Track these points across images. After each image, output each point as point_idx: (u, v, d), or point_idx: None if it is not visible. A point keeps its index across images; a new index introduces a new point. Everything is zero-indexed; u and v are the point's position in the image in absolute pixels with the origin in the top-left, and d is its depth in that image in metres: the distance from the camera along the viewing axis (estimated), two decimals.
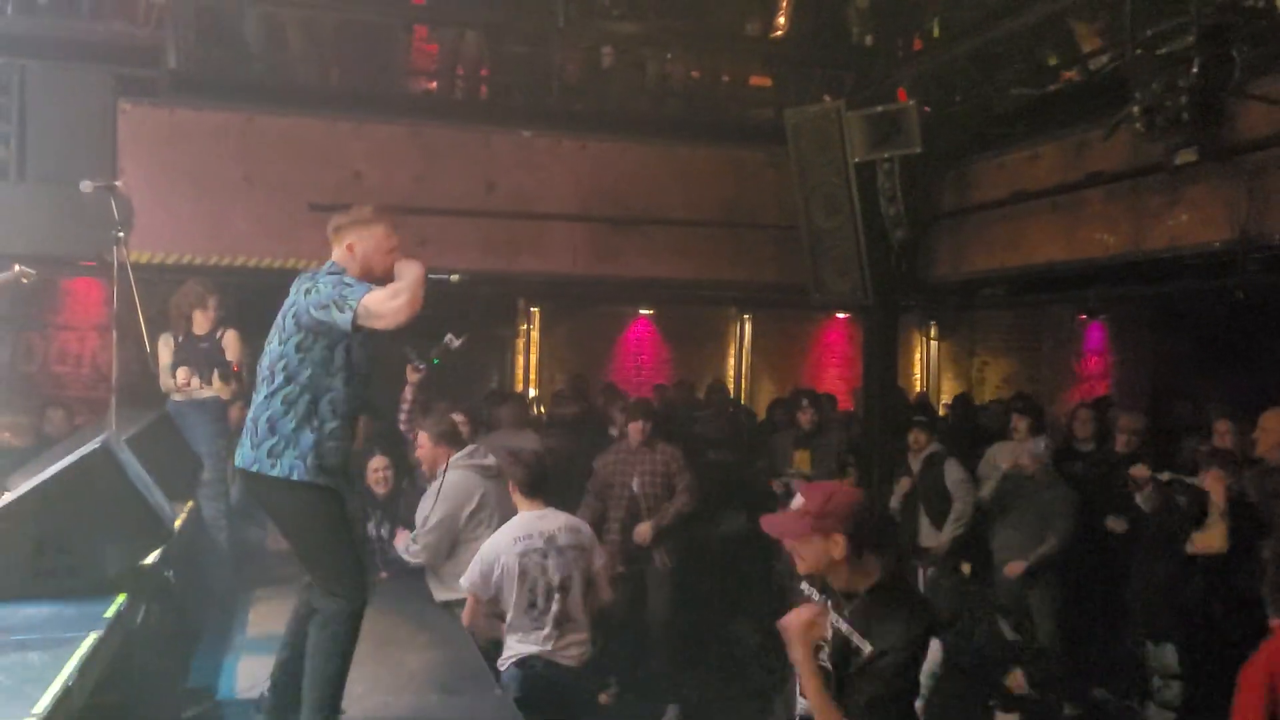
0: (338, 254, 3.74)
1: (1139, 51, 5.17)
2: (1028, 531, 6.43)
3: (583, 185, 7.86)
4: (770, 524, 3.04)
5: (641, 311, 11.37)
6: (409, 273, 3.50)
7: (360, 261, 3.68)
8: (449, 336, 4.63)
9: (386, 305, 3.41)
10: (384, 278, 3.61)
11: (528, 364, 11.12)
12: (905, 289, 7.73)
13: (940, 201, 7.58)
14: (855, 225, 7.38)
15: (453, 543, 5.15)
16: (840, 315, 11.45)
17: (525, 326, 11.00)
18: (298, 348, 3.59)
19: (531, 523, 4.57)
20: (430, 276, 3.55)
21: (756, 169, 8.17)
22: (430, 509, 5.01)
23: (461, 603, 4.83)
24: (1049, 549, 6.32)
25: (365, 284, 3.51)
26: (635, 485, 6.59)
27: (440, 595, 5.23)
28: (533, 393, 10.76)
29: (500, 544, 4.51)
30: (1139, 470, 5.76)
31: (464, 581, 4.59)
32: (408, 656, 4.70)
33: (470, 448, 5.43)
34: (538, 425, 8.19)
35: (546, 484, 4.72)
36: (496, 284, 8.26)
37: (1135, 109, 5.22)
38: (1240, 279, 5.50)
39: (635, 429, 6.66)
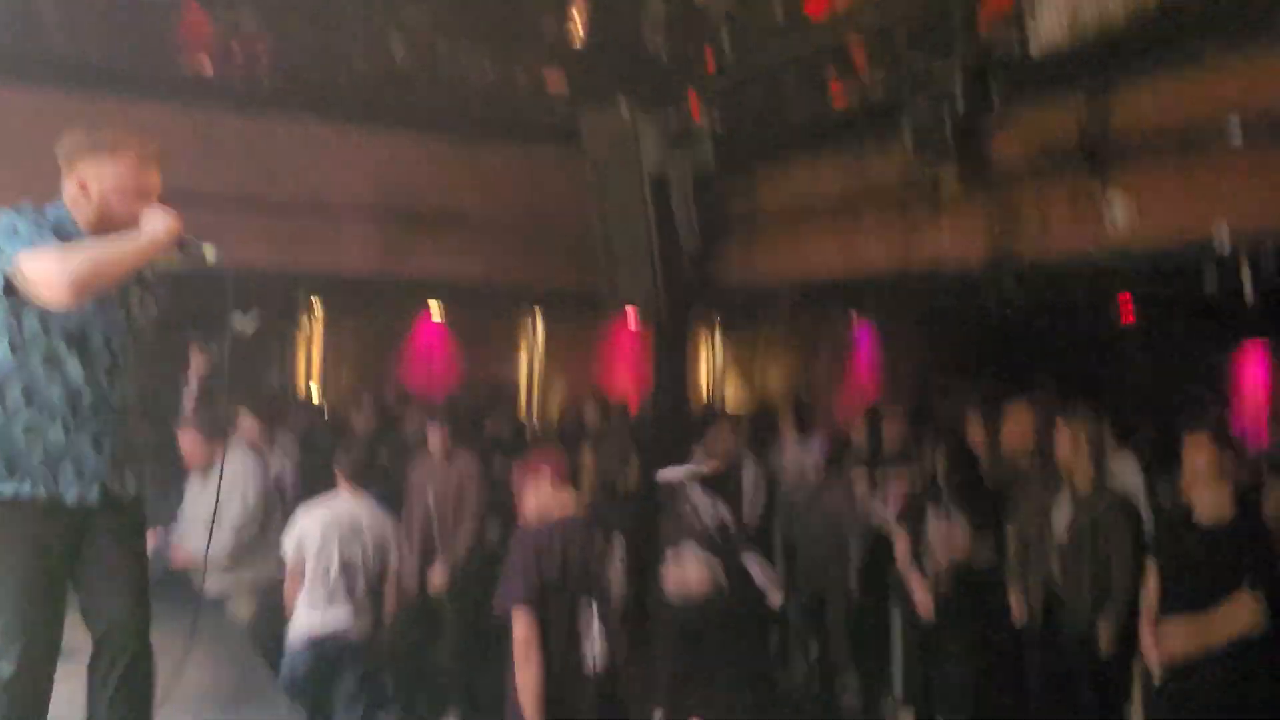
0: (68, 191, 2.78)
1: (908, 77, 5.56)
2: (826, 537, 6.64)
3: (374, 179, 7.66)
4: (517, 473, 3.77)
5: (431, 311, 11.14)
6: (147, 226, 2.67)
7: (96, 204, 2.76)
8: (239, 314, 4.38)
9: (50, 271, 2.52)
10: (126, 229, 2.71)
11: (309, 361, 10.71)
12: (696, 294, 7.96)
13: (730, 210, 7.86)
14: (649, 230, 7.54)
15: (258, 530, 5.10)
16: (633, 318, 11.63)
17: (309, 322, 10.59)
18: None
19: (344, 506, 4.82)
20: (185, 250, 2.76)
21: (552, 171, 8.21)
22: (228, 505, 4.90)
23: (239, 592, 4.97)
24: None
25: (46, 233, 2.65)
26: (430, 500, 6.21)
27: (222, 586, 5.05)
28: (314, 387, 10.38)
29: (311, 518, 4.77)
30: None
31: (282, 552, 4.78)
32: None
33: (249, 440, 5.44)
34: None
35: (370, 472, 5.01)
36: (278, 278, 7.90)
37: (905, 132, 5.61)
38: (993, 294, 6.00)
39: (436, 437, 6.28)
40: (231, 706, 4.11)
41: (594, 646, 3.42)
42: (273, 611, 5.04)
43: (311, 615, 4.73)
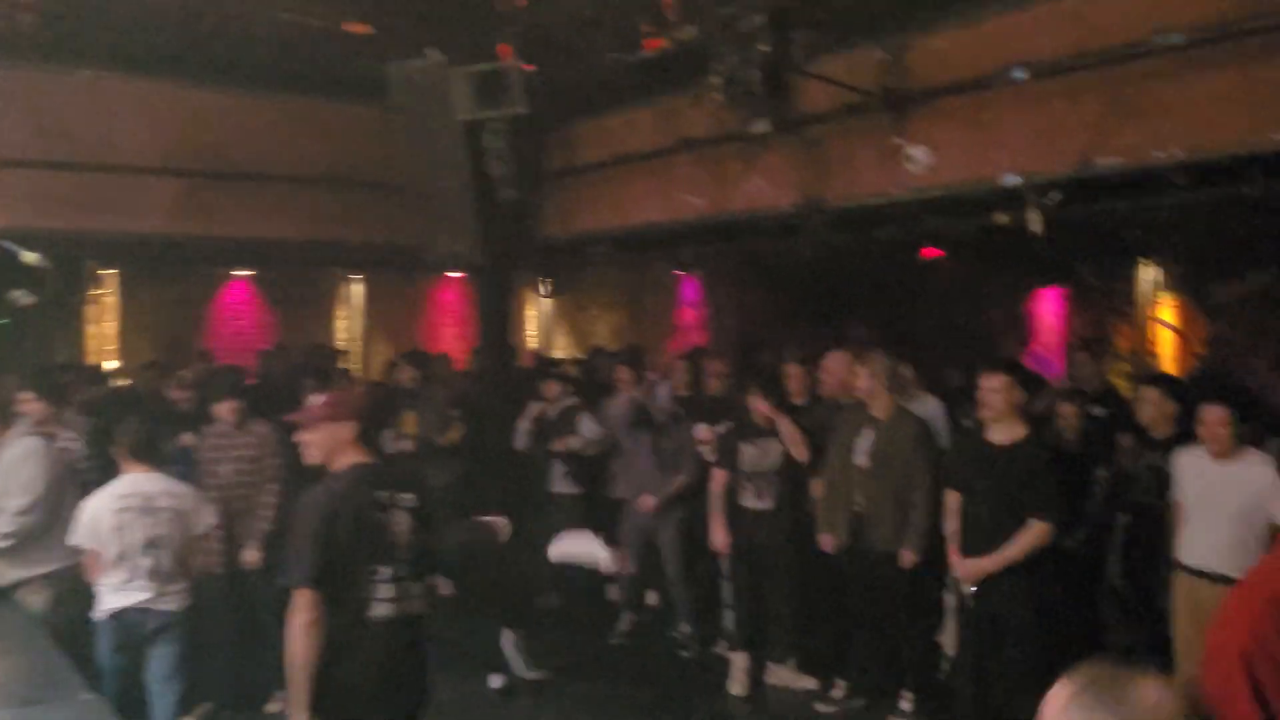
0: None
1: (717, 27, 5.60)
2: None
3: (169, 135, 7.16)
4: (294, 417, 3.61)
5: (238, 273, 10.59)
6: None
7: None
8: (17, 293, 4.10)
9: None
10: None
11: (101, 333, 10.03)
12: (517, 249, 7.86)
13: (548, 162, 7.77)
14: (465, 185, 7.37)
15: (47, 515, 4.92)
16: (455, 275, 11.42)
17: (97, 292, 9.88)
18: None
19: (134, 483, 4.68)
20: None
21: (365, 125, 7.89)
22: (9, 491, 4.82)
23: (32, 581, 4.86)
24: (678, 485, 6.64)
25: None
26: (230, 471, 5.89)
27: (13, 575, 4.88)
28: (114, 365, 9.73)
29: (102, 500, 4.62)
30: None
31: (74, 539, 4.61)
32: None
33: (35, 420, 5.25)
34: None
35: (154, 449, 4.80)
36: (59, 245, 7.30)
37: (715, 80, 5.66)
38: (806, 239, 6.18)
39: (225, 409, 5.94)
40: (28, 699, 3.84)
41: (384, 609, 3.31)
42: (72, 598, 4.82)
43: (116, 597, 4.58)
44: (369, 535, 3.27)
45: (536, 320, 11.99)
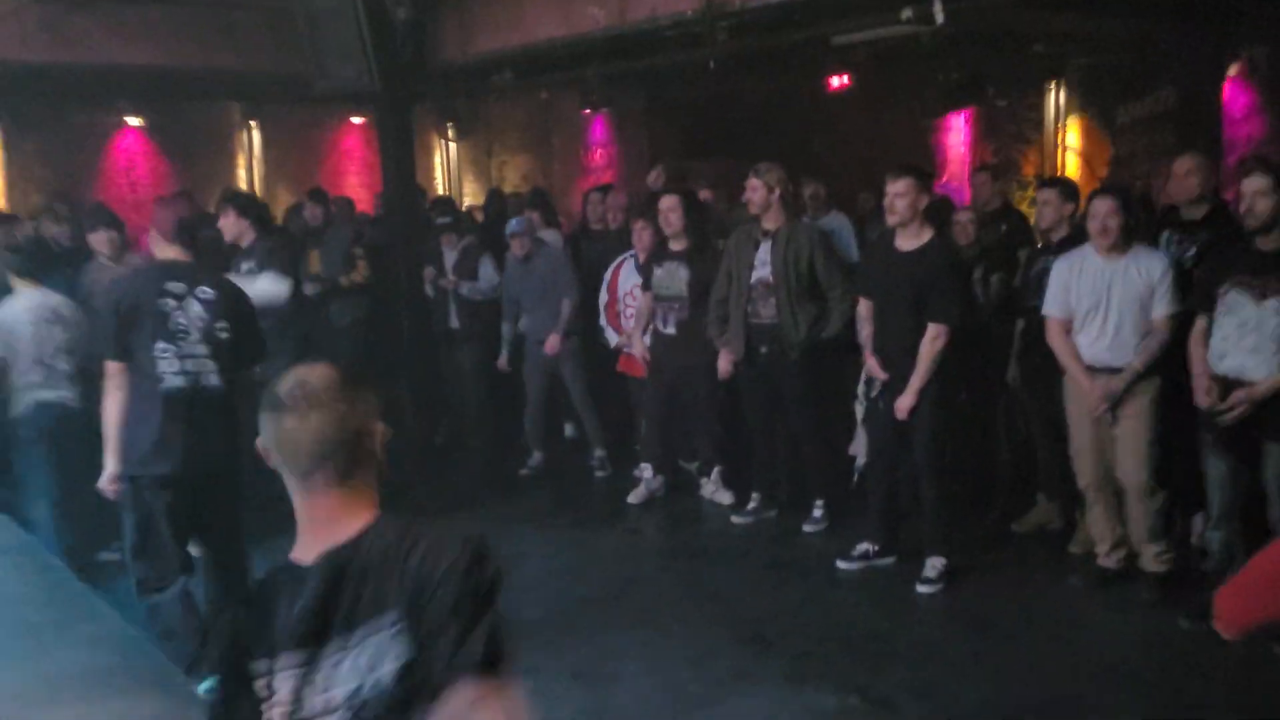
0: None
1: None
2: (546, 309, 6.72)
3: None
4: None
5: (130, 121, 10.06)
6: None
7: None
8: None
9: None
10: None
11: None
12: (414, 75, 7.52)
13: None
14: (355, 4, 6.98)
15: None
16: (356, 120, 11.00)
17: None
18: None
19: (38, 298, 5.13)
20: None
21: None
22: None
23: None
24: (566, 312, 6.65)
25: None
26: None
27: None
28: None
29: (13, 312, 5.07)
30: None
31: None
32: None
33: None
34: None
35: (44, 270, 5.25)
36: None
37: None
38: (710, 49, 6.01)
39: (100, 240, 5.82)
40: None
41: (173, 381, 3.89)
42: None
43: (32, 394, 5.04)
44: (151, 318, 3.85)
45: (443, 166, 11.67)
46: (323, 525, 1.71)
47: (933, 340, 4.83)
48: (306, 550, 1.71)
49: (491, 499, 6.45)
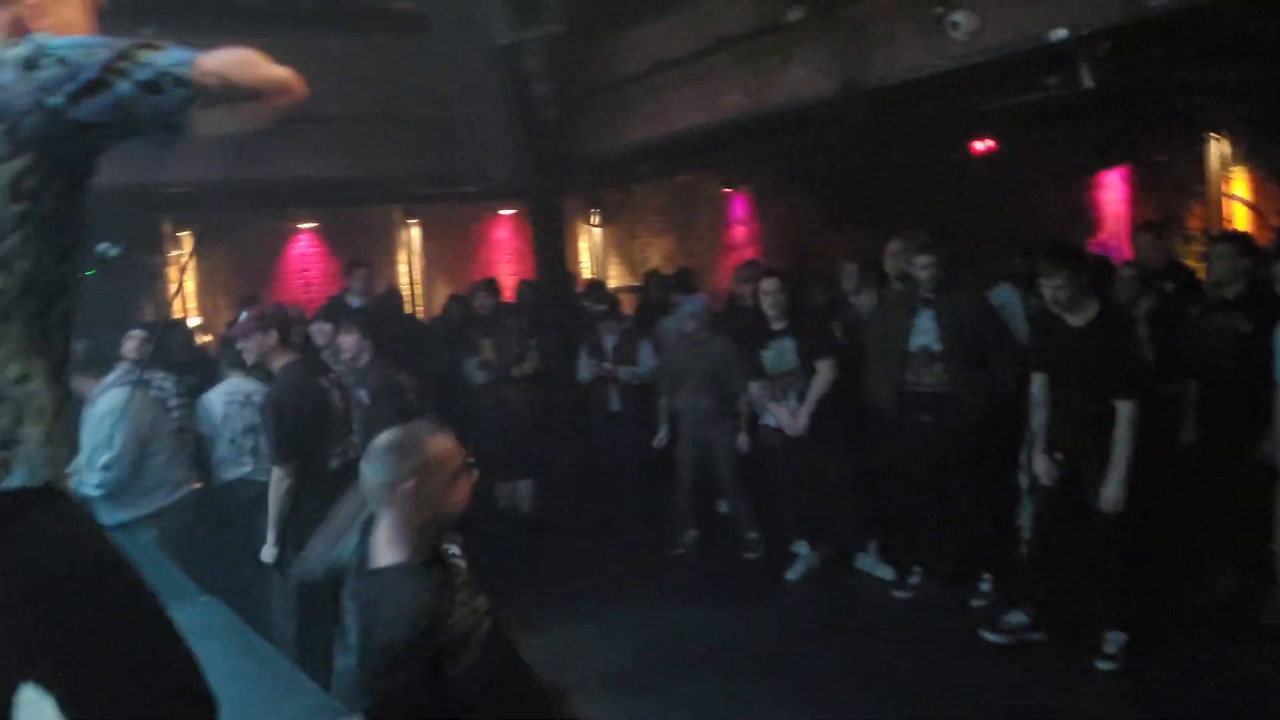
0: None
1: None
2: (707, 391, 6.73)
3: None
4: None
5: (302, 226, 10.83)
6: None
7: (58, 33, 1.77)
8: (104, 245, 4.26)
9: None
10: None
11: (182, 291, 10.33)
12: (564, 167, 7.88)
13: (589, 79, 7.75)
14: (507, 108, 7.40)
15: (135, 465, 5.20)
16: (506, 212, 11.51)
17: (175, 252, 10.17)
18: (15, 194, 1.66)
19: (236, 383, 5.69)
20: None
21: (402, 60, 7.95)
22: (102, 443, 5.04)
23: (142, 520, 5.14)
24: (742, 407, 6.60)
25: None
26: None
27: (118, 517, 5.04)
28: (196, 321, 10.04)
29: (214, 396, 5.66)
30: None
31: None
32: None
33: (124, 369, 5.48)
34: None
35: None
36: (132, 201, 7.53)
37: None
38: (851, 126, 6.10)
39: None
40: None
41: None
42: (182, 521, 5.26)
43: (228, 471, 5.57)
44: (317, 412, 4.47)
45: (589, 251, 12.05)
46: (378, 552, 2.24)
47: (1129, 422, 4.60)
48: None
49: (647, 578, 6.49)
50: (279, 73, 1.75)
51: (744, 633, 5.52)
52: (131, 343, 5.73)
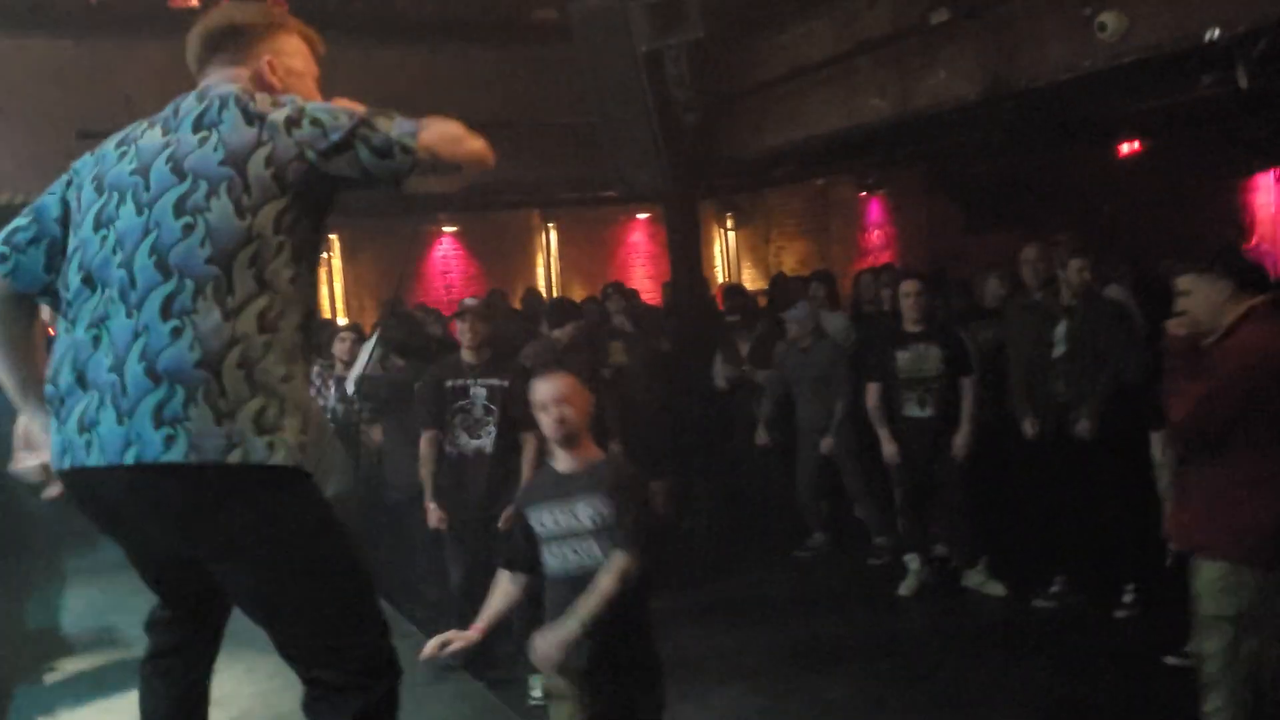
0: (237, 75, 2.20)
1: None
2: (819, 397, 6.65)
3: (368, 96, 7.71)
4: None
5: (445, 229, 11.30)
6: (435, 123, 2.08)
7: (283, 91, 2.20)
8: None
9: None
10: None
11: (332, 292, 10.93)
12: (703, 172, 8.02)
13: (728, 84, 7.88)
14: (649, 114, 7.57)
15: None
16: (641, 216, 11.74)
17: (327, 255, 10.76)
18: (277, 227, 2.01)
19: None
20: None
21: (547, 68, 8.24)
22: None
23: None
24: (840, 413, 6.55)
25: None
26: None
27: None
28: (344, 321, 10.60)
29: None
30: None
31: None
32: None
33: None
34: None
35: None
36: None
37: None
38: (995, 129, 6.06)
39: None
40: None
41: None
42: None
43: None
44: None
45: (722, 254, 12.17)
46: None
47: None
48: None
49: (775, 579, 6.54)
50: (478, 147, 2.11)
51: (877, 639, 5.48)
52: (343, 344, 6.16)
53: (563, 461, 3.03)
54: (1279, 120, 7.59)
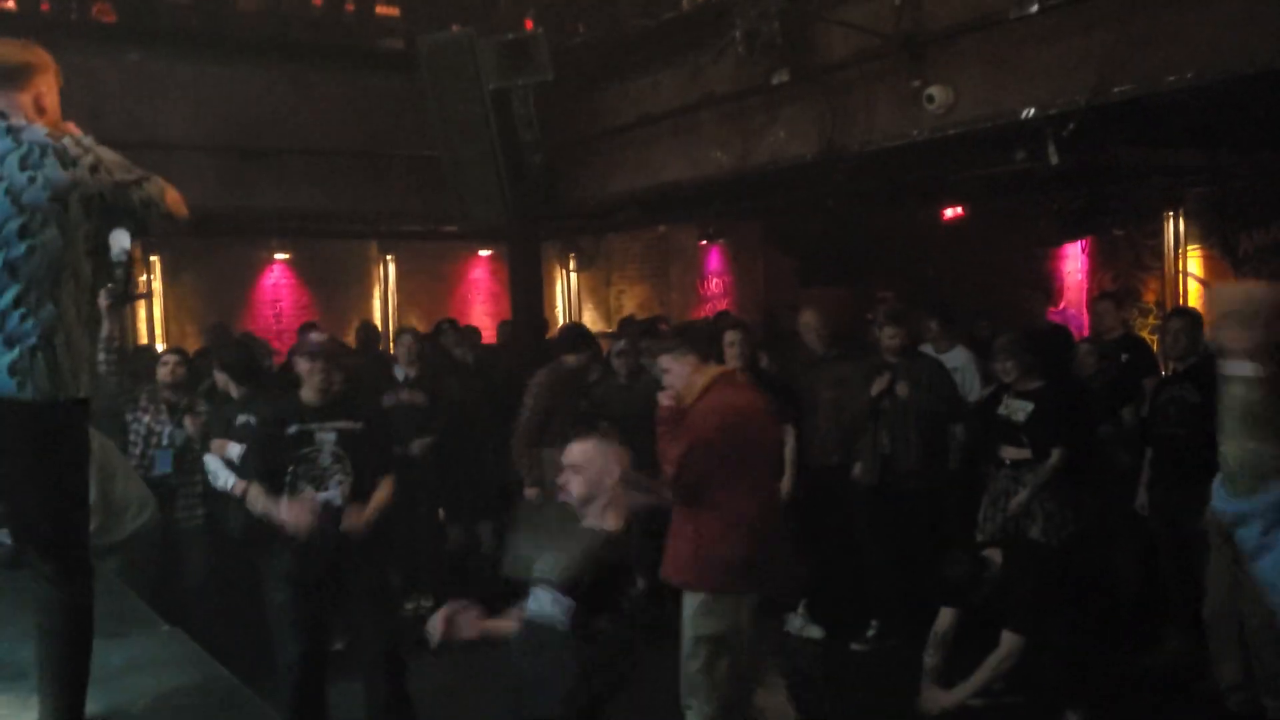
0: (22, 102, 2.65)
1: None
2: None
3: (206, 113, 7.41)
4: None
5: (277, 256, 10.87)
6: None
7: (50, 125, 2.66)
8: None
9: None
10: None
11: (151, 316, 10.33)
12: (547, 212, 8.02)
13: (576, 128, 7.93)
14: (494, 152, 7.54)
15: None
16: (484, 253, 11.63)
17: (146, 277, 10.17)
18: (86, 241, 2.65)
19: None
20: None
21: (391, 98, 8.11)
22: None
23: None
24: None
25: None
26: None
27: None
28: (161, 348, 10.01)
29: None
30: None
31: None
32: None
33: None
34: None
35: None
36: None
37: (737, 34, 5.82)
38: (829, 188, 6.31)
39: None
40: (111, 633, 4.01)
41: None
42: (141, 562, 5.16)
43: None
44: None
45: (564, 295, 12.19)
46: None
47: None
48: None
49: None
50: (184, 208, 2.76)
51: None
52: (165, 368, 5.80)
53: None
54: (1086, 195, 8.23)
